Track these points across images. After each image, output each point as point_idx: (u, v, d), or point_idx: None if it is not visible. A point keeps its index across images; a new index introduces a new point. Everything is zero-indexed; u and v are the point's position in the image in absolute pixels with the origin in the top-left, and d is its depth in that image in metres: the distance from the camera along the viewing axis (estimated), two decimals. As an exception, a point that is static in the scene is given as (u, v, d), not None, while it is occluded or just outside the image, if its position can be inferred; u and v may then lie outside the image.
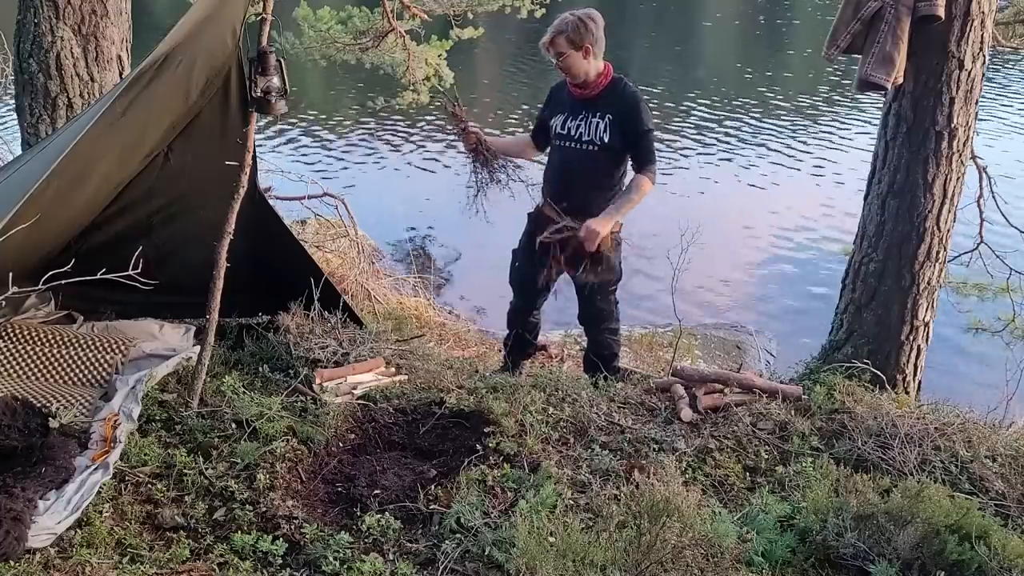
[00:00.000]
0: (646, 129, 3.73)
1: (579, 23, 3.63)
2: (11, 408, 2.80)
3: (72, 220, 3.37)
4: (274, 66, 3.02)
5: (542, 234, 3.80)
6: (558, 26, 3.67)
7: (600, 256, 3.78)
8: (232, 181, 3.08)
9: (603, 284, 3.97)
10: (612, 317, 4.14)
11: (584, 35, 3.62)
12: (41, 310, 3.68)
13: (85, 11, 4.10)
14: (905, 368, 4.13)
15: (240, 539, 2.45)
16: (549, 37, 3.69)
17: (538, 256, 3.88)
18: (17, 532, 2.28)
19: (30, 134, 4.18)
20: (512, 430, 3.13)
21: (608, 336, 4.18)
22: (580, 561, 2.27)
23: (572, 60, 3.67)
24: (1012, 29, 5.21)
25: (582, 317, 4.17)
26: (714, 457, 3.11)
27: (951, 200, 3.93)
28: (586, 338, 4.35)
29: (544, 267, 3.88)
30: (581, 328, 4.35)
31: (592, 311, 4.10)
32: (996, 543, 2.44)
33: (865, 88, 3.77)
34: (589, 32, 3.63)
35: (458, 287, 7.63)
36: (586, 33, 3.63)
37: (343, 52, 6.56)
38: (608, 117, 3.73)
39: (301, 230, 6.54)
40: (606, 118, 3.73)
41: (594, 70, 3.72)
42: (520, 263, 4.15)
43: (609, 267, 3.89)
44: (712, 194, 10.31)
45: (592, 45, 3.65)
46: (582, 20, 3.64)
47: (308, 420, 3.14)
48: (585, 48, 3.64)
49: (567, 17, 3.67)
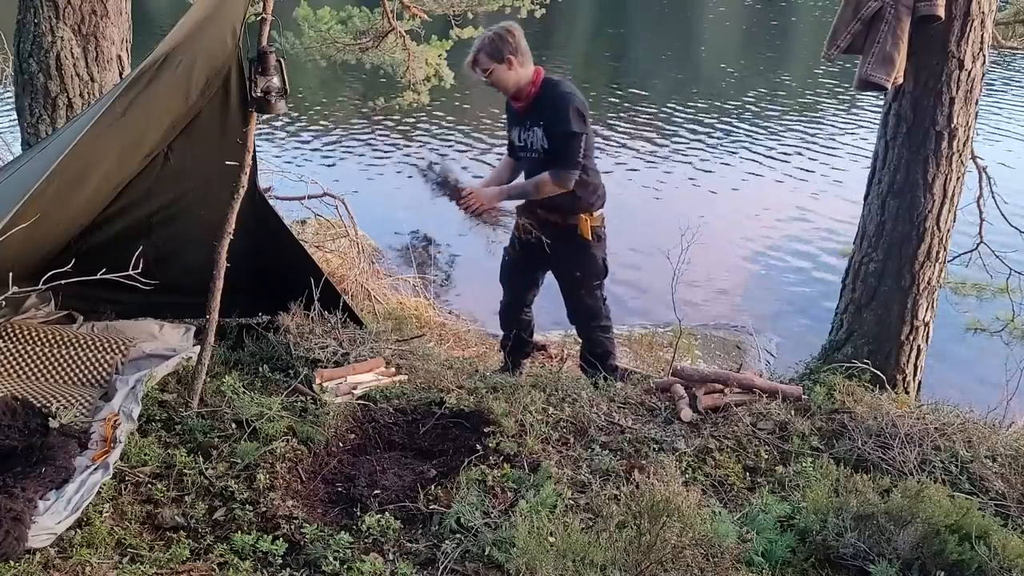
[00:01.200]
0: (569, 132, 3.70)
1: (496, 37, 3.66)
2: (11, 408, 2.80)
3: (72, 220, 3.37)
4: (274, 66, 3.02)
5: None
6: (477, 44, 3.71)
7: (580, 245, 3.85)
8: (232, 181, 3.08)
9: (586, 279, 4.00)
10: (601, 314, 4.15)
11: (503, 47, 3.65)
12: (41, 310, 3.68)
13: (85, 11, 4.10)
14: (905, 368, 4.13)
15: (240, 539, 2.45)
16: (471, 57, 3.72)
17: (523, 250, 3.91)
18: (17, 532, 2.28)
19: (30, 134, 4.18)
20: (512, 430, 3.13)
21: (600, 334, 4.18)
22: (580, 561, 2.27)
23: (498, 74, 3.70)
24: (1012, 29, 5.21)
25: (570, 316, 4.20)
26: (714, 457, 3.11)
27: (951, 200, 3.93)
28: (579, 340, 4.36)
29: (529, 260, 3.92)
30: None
31: (579, 308, 4.12)
32: (996, 543, 2.44)
33: (865, 88, 3.77)
34: (507, 44, 3.65)
35: (458, 287, 7.63)
36: (504, 45, 3.65)
37: (343, 52, 6.56)
38: (541, 123, 3.77)
39: (301, 230, 6.54)
40: (540, 124, 3.77)
41: (524, 79, 3.73)
42: (507, 258, 4.20)
43: (590, 260, 3.91)
44: (712, 194, 10.31)
45: (514, 55, 3.67)
46: (498, 34, 3.67)
47: (308, 420, 3.15)
48: (507, 60, 3.66)
49: (484, 34, 3.71)
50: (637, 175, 10.82)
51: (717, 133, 12.81)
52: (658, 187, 10.47)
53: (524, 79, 3.73)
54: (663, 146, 12.11)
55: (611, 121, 13.29)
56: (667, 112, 13.85)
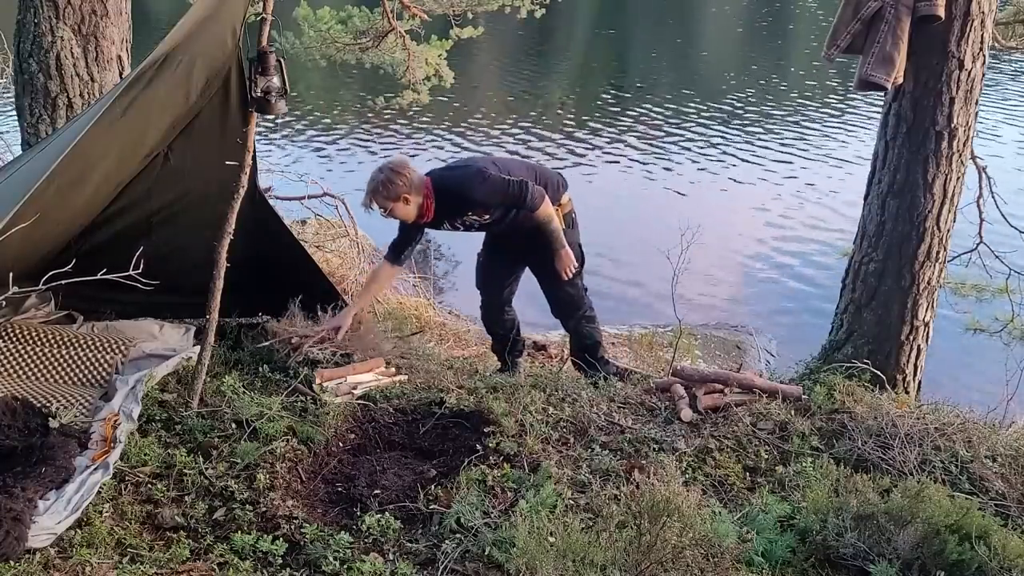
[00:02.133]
0: (505, 192, 3.73)
1: (386, 180, 3.66)
2: (11, 408, 2.80)
3: (72, 220, 3.37)
4: (274, 66, 3.02)
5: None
6: (370, 187, 3.71)
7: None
8: (232, 181, 3.08)
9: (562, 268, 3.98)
10: (583, 303, 4.15)
11: (395, 188, 3.66)
12: (41, 310, 3.68)
13: (85, 11, 4.10)
14: (905, 368, 4.13)
15: (240, 539, 2.45)
16: (368, 199, 3.73)
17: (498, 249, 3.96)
18: (17, 532, 2.28)
19: (30, 134, 4.18)
20: (512, 430, 3.13)
21: (586, 325, 4.19)
22: (580, 561, 2.27)
23: (396, 211, 3.73)
24: (1012, 29, 5.21)
25: (553, 310, 4.21)
26: (714, 457, 3.11)
27: (951, 200, 3.92)
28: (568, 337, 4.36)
29: (506, 258, 3.95)
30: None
31: (560, 299, 4.13)
32: (996, 543, 2.44)
33: (865, 88, 3.77)
34: (397, 184, 3.66)
35: (458, 287, 7.62)
36: (394, 186, 3.66)
37: (343, 52, 6.56)
38: (462, 218, 3.85)
39: (301, 230, 6.53)
40: (464, 214, 3.84)
41: (419, 202, 3.74)
42: (482, 260, 4.25)
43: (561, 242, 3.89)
44: (712, 194, 10.31)
45: (407, 191, 3.68)
46: (388, 177, 3.67)
47: (308, 420, 3.15)
48: (403, 197, 3.69)
49: (375, 175, 3.70)
50: (637, 175, 10.83)
51: (717, 132, 12.81)
52: (658, 186, 10.47)
53: (419, 202, 3.75)
54: (663, 146, 12.11)
55: (610, 121, 13.30)
56: (667, 112, 13.85)
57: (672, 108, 14.07)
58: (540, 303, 4.48)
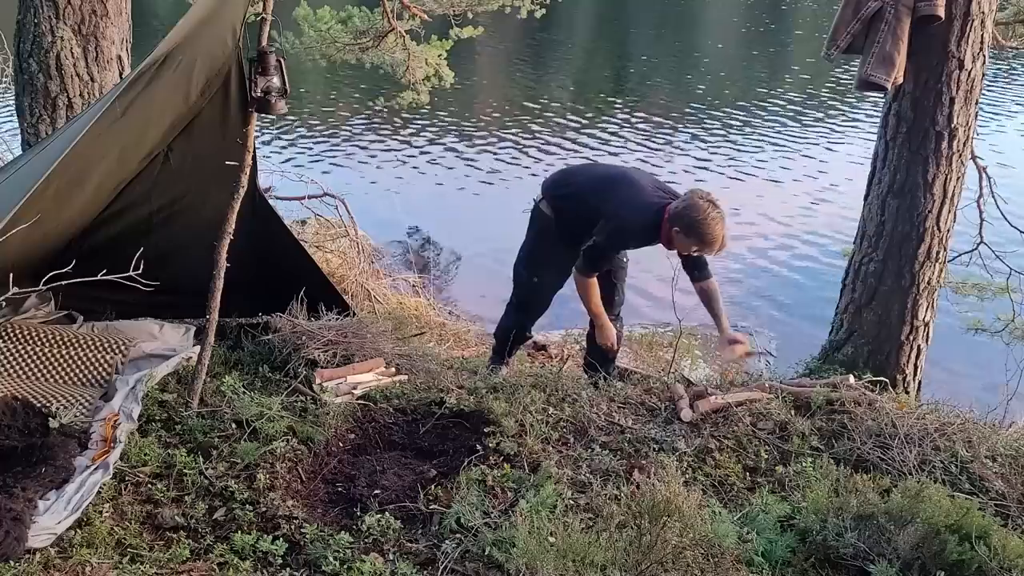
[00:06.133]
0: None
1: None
2: (11, 408, 2.80)
3: (72, 220, 3.37)
4: (274, 66, 3.01)
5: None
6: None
7: None
8: (232, 181, 3.08)
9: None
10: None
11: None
12: (41, 310, 3.68)
13: (85, 11, 4.10)
14: (905, 368, 4.13)
15: (240, 539, 2.45)
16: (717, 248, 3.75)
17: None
18: (17, 532, 2.28)
19: (30, 134, 4.18)
20: (512, 430, 3.13)
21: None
22: (580, 561, 2.27)
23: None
24: (1012, 29, 5.21)
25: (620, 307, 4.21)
26: (714, 457, 3.11)
27: (951, 200, 3.93)
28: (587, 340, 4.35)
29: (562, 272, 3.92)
30: (580, 328, 4.35)
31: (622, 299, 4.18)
32: (996, 543, 2.44)
33: (865, 88, 3.77)
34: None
35: (458, 287, 7.63)
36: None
37: (343, 52, 6.56)
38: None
39: (301, 230, 6.54)
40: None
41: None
42: (546, 280, 4.03)
43: None
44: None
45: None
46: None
47: (308, 420, 3.14)
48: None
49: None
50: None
51: (717, 132, 12.81)
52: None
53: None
54: (663, 145, 12.11)
55: (610, 120, 13.30)
56: (667, 111, 13.85)
57: (672, 108, 14.08)
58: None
